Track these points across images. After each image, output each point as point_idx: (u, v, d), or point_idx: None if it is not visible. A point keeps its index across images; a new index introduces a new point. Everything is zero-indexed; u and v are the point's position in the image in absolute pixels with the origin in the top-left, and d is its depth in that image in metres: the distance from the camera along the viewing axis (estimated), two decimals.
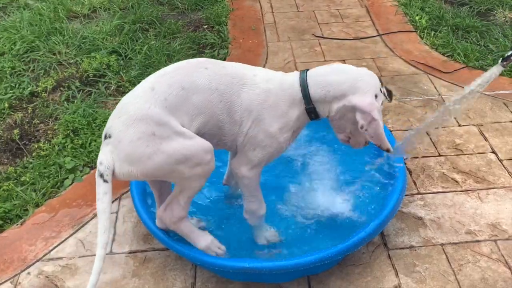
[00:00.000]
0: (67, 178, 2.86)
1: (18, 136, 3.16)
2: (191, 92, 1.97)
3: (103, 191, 1.89)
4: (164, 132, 1.89)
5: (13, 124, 3.28)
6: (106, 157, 1.90)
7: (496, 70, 2.22)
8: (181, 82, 1.97)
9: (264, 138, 2.06)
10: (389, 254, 2.39)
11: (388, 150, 2.08)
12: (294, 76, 2.11)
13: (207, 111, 2.01)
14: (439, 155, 2.96)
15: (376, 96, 2.03)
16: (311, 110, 2.07)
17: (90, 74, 3.72)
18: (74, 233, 2.54)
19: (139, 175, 1.92)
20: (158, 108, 1.90)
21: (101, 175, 1.89)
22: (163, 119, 1.90)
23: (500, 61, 2.19)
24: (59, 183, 2.84)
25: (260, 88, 2.06)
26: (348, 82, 2.02)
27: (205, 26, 4.45)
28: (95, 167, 2.90)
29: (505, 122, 3.22)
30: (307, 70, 2.13)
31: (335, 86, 2.03)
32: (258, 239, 2.33)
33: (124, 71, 3.77)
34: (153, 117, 1.88)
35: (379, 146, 2.07)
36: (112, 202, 2.69)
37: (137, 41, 4.14)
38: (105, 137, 1.94)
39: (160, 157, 1.88)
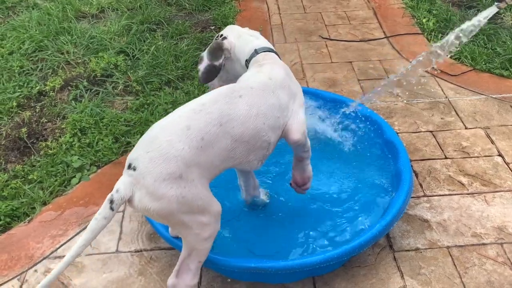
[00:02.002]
0: (74, 176, 2.87)
1: (26, 135, 3.18)
2: (230, 126, 1.91)
3: (103, 216, 1.80)
4: (190, 175, 1.81)
5: (21, 123, 3.30)
6: (124, 188, 1.81)
7: (490, 10, 2.27)
8: (219, 118, 1.89)
9: (300, 94, 2.19)
10: (394, 256, 2.38)
11: None
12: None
13: (250, 139, 1.97)
14: (446, 158, 2.96)
15: None
16: None
17: (97, 74, 3.74)
18: (80, 231, 2.56)
19: (155, 215, 1.84)
20: (192, 149, 1.81)
21: (111, 202, 1.80)
22: (194, 161, 1.82)
23: (495, 2, 2.25)
24: (66, 182, 2.86)
25: (286, 81, 2.14)
26: None
27: (212, 27, 4.47)
28: (102, 166, 2.95)
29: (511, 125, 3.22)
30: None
31: None
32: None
33: (131, 71, 3.79)
34: (184, 159, 1.79)
35: None
36: None
37: (144, 41, 4.16)
38: (129, 167, 1.82)
39: (179, 202, 1.80)
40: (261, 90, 2.03)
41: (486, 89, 3.55)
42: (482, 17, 2.32)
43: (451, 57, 3.93)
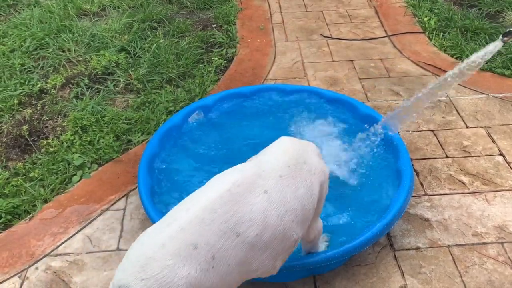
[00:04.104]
0: (75, 174, 2.88)
1: (27, 132, 3.19)
2: (252, 234, 1.54)
3: None
4: None
5: (22, 120, 3.30)
6: None
7: (496, 44, 2.24)
8: (236, 226, 1.50)
9: (327, 188, 1.94)
10: (395, 255, 2.39)
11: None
12: None
13: (278, 244, 1.62)
14: (447, 157, 2.96)
15: None
16: None
17: (99, 72, 3.74)
18: (81, 229, 2.56)
19: None
20: (200, 272, 1.43)
21: None
22: (203, 287, 1.44)
23: (500, 36, 2.21)
24: (67, 180, 2.86)
25: (320, 163, 1.87)
26: None
27: (213, 25, 4.47)
28: (103, 164, 2.95)
29: None
30: None
31: None
32: (320, 249, 2.23)
33: (132, 69, 3.79)
34: (191, 287, 1.42)
35: None
36: (120, 199, 2.72)
37: (145, 39, 4.16)
38: None
39: None
40: (291, 177, 1.68)
41: (487, 88, 3.55)
42: (487, 51, 2.29)
43: (452, 56, 3.93)
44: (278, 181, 1.65)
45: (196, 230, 1.47)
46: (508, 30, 2.19)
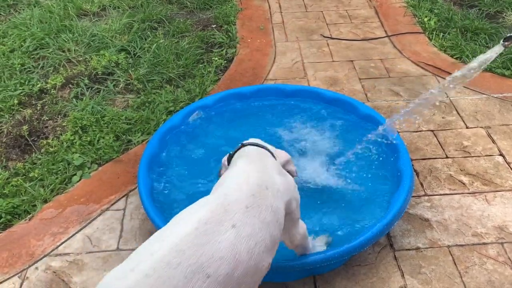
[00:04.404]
0: (75, 174, 2.88)
1: (27, 132, 3.19)
2: (223, 272, 1.46)
3: None
4: None
5: (22, 120, 3.30)
6: None
7: (496, 49, 2.24)
8: (206, 267, 1.41)
9: (297, 197, 1.92)
10: (395, 255, 2.38)
11: None
12: None
13: (251, 276, 1.55)
14: (447, 157, 2.96)
15: None
16: None
17: (99, 72, 3.74)
18: (81, 229, 2.56)
19: None
20: None
21: None
22: None
23: (501, 41, 2.20)
24: (67, 180, 2.86)
25: (282, 182, 1.82)
26: None
27: (213, 25, 4.47)
28: (103, 164, 2.95)
29: None
30: None
31: None
32: (319, 248, 2.21)
33: (132, 69, 3.79)
34: None
35: None
36: (119, 199, 2.72)
37: (145, 39, 4.16)
38: None
39: None
40: (257, 206, 1.63)
41: (487, 89, 3.55)
42: (488, 56, 2.30)
43: (452, 56, 3.93)
44: (245, 213, 1.59)
45: (162, 274, 1.37)
46: (508, 35, 2.18)
